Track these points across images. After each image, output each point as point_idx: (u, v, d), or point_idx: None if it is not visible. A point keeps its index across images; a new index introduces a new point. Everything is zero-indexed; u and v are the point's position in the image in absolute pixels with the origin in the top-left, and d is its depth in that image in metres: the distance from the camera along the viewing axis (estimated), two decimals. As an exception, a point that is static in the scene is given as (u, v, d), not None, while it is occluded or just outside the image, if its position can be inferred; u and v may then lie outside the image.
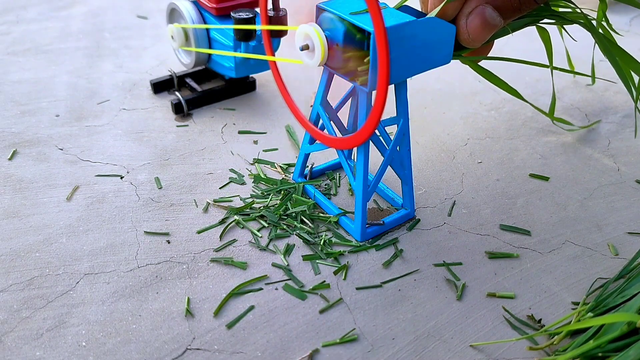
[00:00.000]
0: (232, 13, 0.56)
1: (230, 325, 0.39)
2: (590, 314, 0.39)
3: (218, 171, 0.54)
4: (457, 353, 0.38)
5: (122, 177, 0.53)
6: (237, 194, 0.51)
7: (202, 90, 0.65)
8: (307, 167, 0.53)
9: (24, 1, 0.92)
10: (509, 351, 0.38)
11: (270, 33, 0.47)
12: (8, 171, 0.53)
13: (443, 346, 0.38)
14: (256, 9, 0.58)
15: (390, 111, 0.47)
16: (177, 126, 0.61)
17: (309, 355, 0.37)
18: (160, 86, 0.67)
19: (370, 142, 0.44)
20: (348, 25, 0.39)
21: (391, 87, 0.40)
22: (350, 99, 0.48)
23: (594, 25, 0.45)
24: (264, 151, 0.57)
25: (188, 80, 0.67)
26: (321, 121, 0.47)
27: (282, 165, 0.55)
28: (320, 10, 0.41)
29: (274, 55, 0.48)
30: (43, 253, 0.44)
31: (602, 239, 0.48)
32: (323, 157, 0.56)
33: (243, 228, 0.47)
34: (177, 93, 0.64)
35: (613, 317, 0.35)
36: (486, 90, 0.70)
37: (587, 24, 0.44)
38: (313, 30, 0.39)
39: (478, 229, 0.48)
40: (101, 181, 0.52)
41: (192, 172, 0.54)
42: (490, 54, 0.46)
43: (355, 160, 0.52)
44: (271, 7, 0.53)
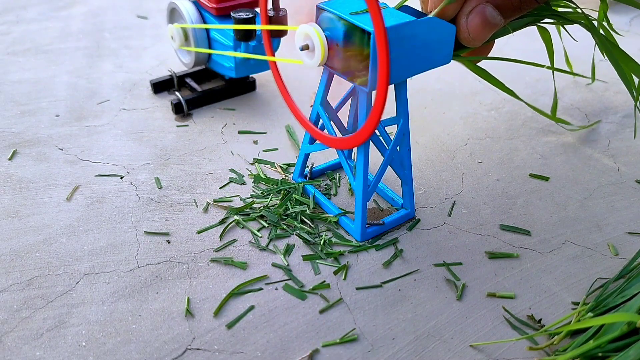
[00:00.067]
0: (232, 13, 0.56)
1: (230, 325, 0.39)
2: (590, 314, 0.39)
3: (218, 171, 0.54)
4: (457, 353, 0.38)
5: (122, 177, 0.53)
6: (237, 194, 0.51)
7: (202, 90, 0.65)
8: (307, 167, 0.53)
9: (24, 1, 0.92)
10: (509, 351, 0.38)
11: (270, 33, 0.47)
12: (8, 171, 0.53)
13: (443, 346, 0.38)
14: (256, 9, 0.58)
15: (390, 111, 0.47)
16: (177, 126, 0.61)
17: (309, 355, 0.37)
18: (160, 86, 0.67)
19: (370, 142, 0.44)
20: (348, 25, 0.39)
21: (391, 87, 0.40)
22: (350, 99, 0.48)
23: (595, 25, 0.45)
24: (264, 151, 0.57)
25: (188, 80, 0.67)
26: (321, 121, 0.47)
27: (282, 165, 0.55)
28: (320, 10, 0.41)
29: (274, 55, 0.48)
30: (43, 253, 0.44)
31: (602, 239, 0.48)
32: (323, 157, 0.56)
33: (243, 228, 0.47)
34: (177, 93, 0.64)
35: (613, 317, 0.35)
36: (486, 90, 0.70)
37: (588, 24, 0.44)
38: (313, 30, 0.39)
39: (478, 229, 0.48)
40: (101, 181, 0.52)
41: (192, 172, 0.54)
42: (490, 54, 0.46)
43: (355, 160, 0.52)
44: (271, 7, 0.53)
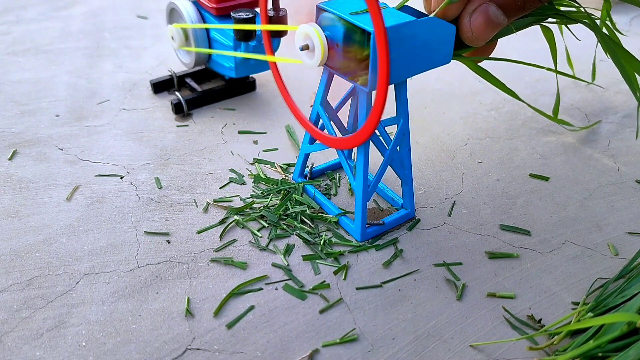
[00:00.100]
0: (232, 13, 0.56)
1: (230, 325, 0.39)
2: (590, 314, 0.39)
3: (218, 171, 0.54)
4: (457, 353, 0.38)
5: (122, 177, 0.53)
6: (237, 194, 0.51)
7: (202, 90, 0.65)
8: (307, 167, 0.53)
9: (24, 1, 0.92)
10: (509, 351, 0.38)
11: (270, 33, 0.47)
12: (8, 171, 0.53)
13: (443, 346, 0.38)
14: (256, 9, 0.58)
15: (390, 111, 0.47)
16: (177, 126, 0.61)
17: (309, 355, 0.37)
18: (160, 86, 0.67)
19: (370, 142, 0.44)
20: (348, 25, 0.39)
21: (391, 87, 0.40)
22: (350, 99, 0.48)
23: (598, 24, 0.45)
24: (264, 151, 0.57)
25: (188, 80, 0.67)
26: (321, 121, 0.47)
27: (282, 165, 0.55)
28: (320, 10, 0.41)
29: (274, 55, 0.48)
30: (43, 253, 0.44)
31: (602, 239, 0.48)
32: (323, 157, 0.56)
33: (243, 228, 0.47)
34: (177, 93, 0.64)
35: (613, 317, 0.35)
36: (486, 90, 0.70)
37: (591, 24, 0.44)
38: (313, 30, 0.39)
39: (478, 229, 0.48)
40: (101, 181, 0.52)
41: (192, 172, 0.54)
42: (491, 54, 0.45)
43: (355, 160, 0.52)
44: (271, 7, 0.53)
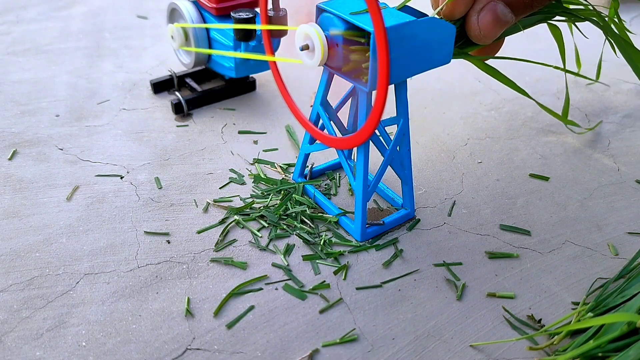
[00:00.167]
0: (232, 13, 0.56)
1: (230, 325, 0.39)
2: (590, 314, 0.39)
3: (218, 171, 0.54)
4: (457, 353, 0.38)
5: (122, 177, 0.53)
6: (237, 194, 0.51)
7: (202, 90, 0.65)
8: (307, 167, 0.53)
9: (24, 1, 0.91)
10: (509, 351, 0.38)
11: (270, 33, 0.47)
12: (8, 171, 0.53)
13: (443, 346, 0.38)
14: (256, 9, 0.58)
15: (390, 111, 0.47)
16: (177, 126, 0.61)
17: (309, 355, 0.37)
18: (160, 86, 0.67)
19: (370, 142, 0.44)
20: (348, 25, 0.39)
21: (391, 87, 0.40)
22: (350, 99, 0.48)
23: (607, 22, 0.45)
24: (264, 151, 0.57)
25: (188, 80, 0.67)
26: (321, 121, 0.47)
27: (282, 165, 0.55)
28: (320, 10, 0.41)
29: (274, 55, 0.48)
30: (43, 253, 0.44)
31: (602, 239, 0.48)
32: (323, 157, 0.56)
33: (243, 228, 0.47)
34: (177, 93, 0.64)
35: (613, 317, 0.35)
36: (486, 90, 0.70)
37: (600, 21, 0.44)
38: (313, 30, 0.39)
39: (478, 229, 0.48)
40: (101, 181, 0.52)
41: (192, 172, 0.54)
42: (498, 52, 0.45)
43: (355, 160, 0.52)
44: (271, 7, 0.53)
